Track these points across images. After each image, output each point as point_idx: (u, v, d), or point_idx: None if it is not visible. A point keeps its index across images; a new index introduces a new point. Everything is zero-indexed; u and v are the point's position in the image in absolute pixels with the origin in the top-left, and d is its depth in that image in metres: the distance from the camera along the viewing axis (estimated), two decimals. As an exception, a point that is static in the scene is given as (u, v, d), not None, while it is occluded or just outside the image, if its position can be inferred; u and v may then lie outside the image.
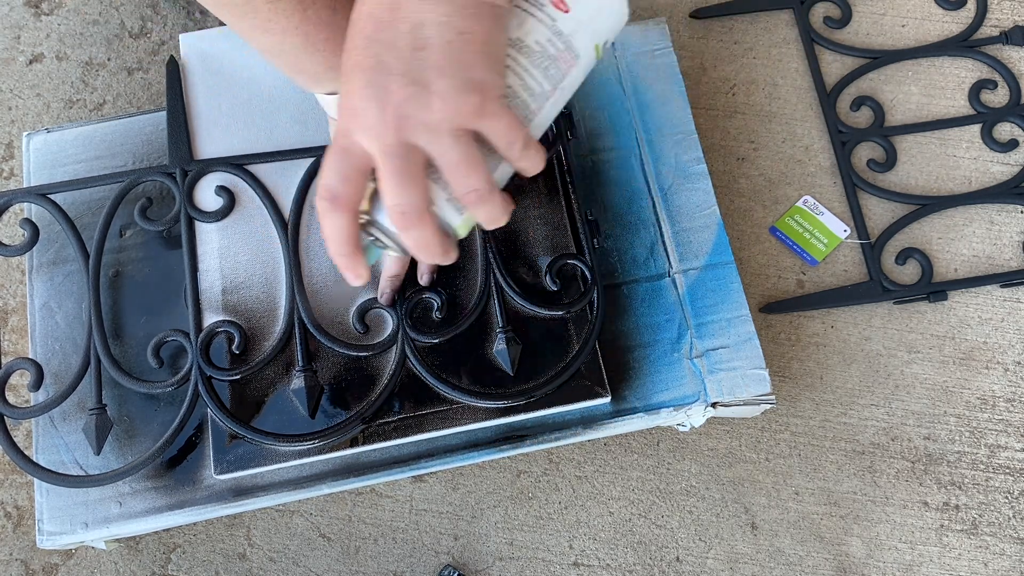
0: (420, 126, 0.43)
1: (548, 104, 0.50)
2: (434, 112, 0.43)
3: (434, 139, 0.44)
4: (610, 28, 0.51)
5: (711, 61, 0.92)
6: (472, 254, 0.69)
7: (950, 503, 0.78)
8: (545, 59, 0.48)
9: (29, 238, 0.72)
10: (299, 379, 0.66)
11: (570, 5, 0.48)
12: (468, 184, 0.45)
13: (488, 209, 0.47)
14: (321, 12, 0.49)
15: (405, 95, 0.43)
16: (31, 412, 0.67)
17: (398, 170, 0.44)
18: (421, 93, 0.43)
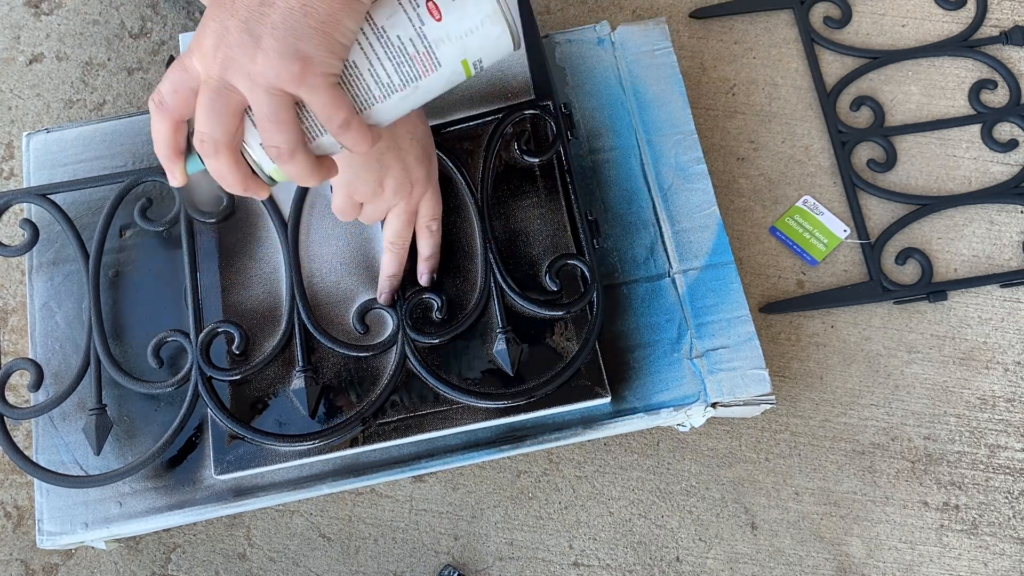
0: (241, 73, 0.47)
1: (395, 97, 0.51)
2: (256, 65, 0.46)
3: (251, 88, 0.47)
4: (486, 51, 0.51)
5: (711, 61, 0.92)
6: (472, 254, 0.69)
7: (950, 503, 0.78)
8: (402, 55, 0.50)
9: (29, 238, 0.72)
10: (299, 379, 0.66)
11: (444, 14, 0.49)
12: (271, 139, 0.48)
13: (290, 168, 0.50)
14: None
15: (237, 40, 0.46)
16: (31, 412, 0.67)
17: (209, 102, 0.48)
18: (251, 44, 0.46)
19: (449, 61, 0.51)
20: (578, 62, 0.79)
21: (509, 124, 0.72)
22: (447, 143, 0.72)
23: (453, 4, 0.50)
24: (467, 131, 0.72)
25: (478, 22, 0.50)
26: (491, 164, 0.71)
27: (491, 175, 0.71)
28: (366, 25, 0.49)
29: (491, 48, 0.52)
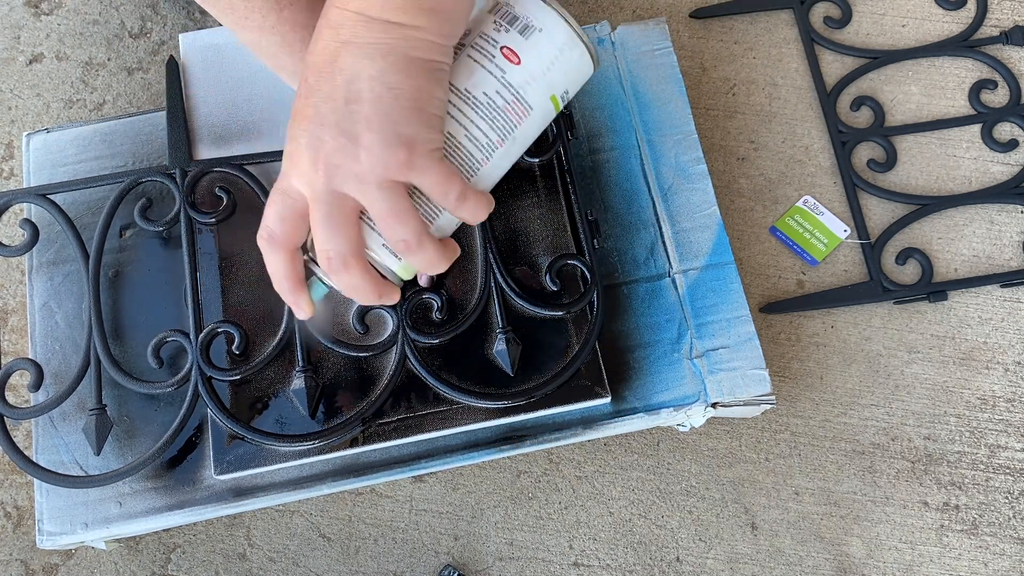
0: (349, 176, 0.45)
1: (497, 154, 0.50)
2: (362, 164, 0.44)
3: (363, 190, 0.45)
4: (571, 78, 0.51)
5: (711, 61, 0.92)
6: (472, 254, 0.69)
7: (950, 503, 0.78)
8: (492, 110, 0.48)
9: (29, 238, 0.72)
10: (299, 379, 0.66)
11: (522, 57, 0.48)
12: (396, 234, 0.46)
13: (420, 258, 0.48)
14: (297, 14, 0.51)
15: (336, 146, 0.44)
16: (31, 412, 0.67)
17: (325, 217, 0.46)
18: (350, 145, 0.44)
19: (538, 101, 0.50)
20: (578, 62, 0.79)
21: (509, 124, 0.72)
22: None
23: (527, 43, 0.48)
24: (467, 131, 0.72)
25: (556, 52, 0.49)
26: (491, 164, 0.71)
27: (491, 175, 0.71)
28: (450, 93, 0.48)
29: (575, 74, 0.50)
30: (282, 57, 0.53)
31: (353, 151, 0.44)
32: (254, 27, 0.51)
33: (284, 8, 0.50)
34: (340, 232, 0.46)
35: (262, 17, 0.50)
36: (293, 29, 0.51)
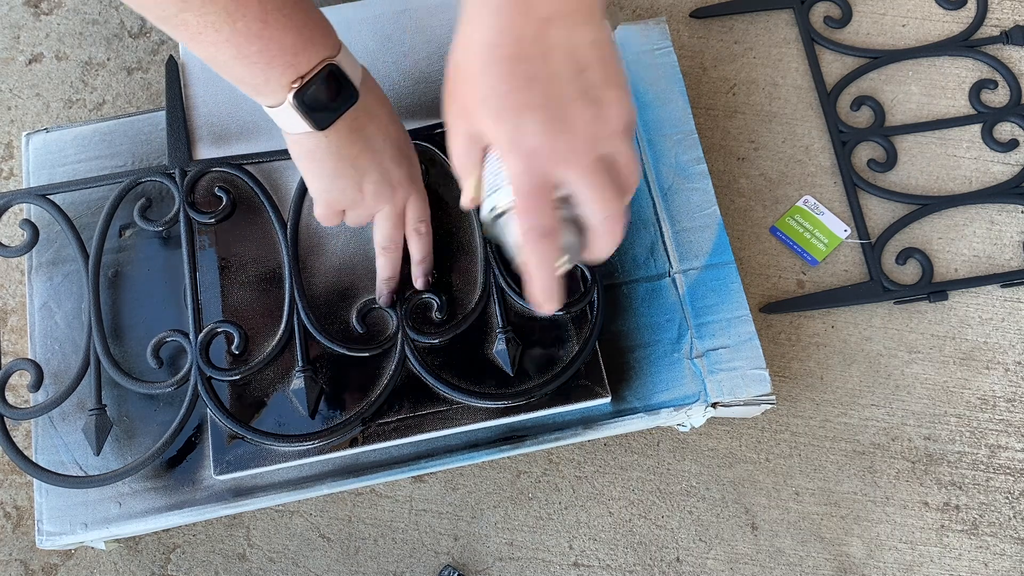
0: (606, 138, 0.45)
1: None
2: (612, 122, 0.45)
3: (615, 145, 0.46)
4: None
5: (711, 61, 0.92)
6: (472, 253, 0.69)
7: (950, 503, 0.78)
8: None
9: (29, 239, 0.72)
10: (299, 379, 0.66)
11: None
12: (635, 172, 0.47)
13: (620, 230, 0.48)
14: (251, 25, 0.50)
15: (588, 116, 0.44)
16: (31, 413, 0.67)
17: (604, 183, 0.46)
18: (599, 110, 0.45)
19: None
20: (578, 62, 0.79)
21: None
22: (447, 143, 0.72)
23: None
24: (467, 131, 0.72)
25: None
26: (491, 164, 0.71)
27: (491, 175, 0.71)
28: None
29: None
30: (238, 70, 0.53)
31: (604, 113, 0.45)
32: (208, 42, 0.51)
33: (237, 21, 0.50)
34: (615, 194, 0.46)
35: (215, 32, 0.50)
36: (248, 40, 0.51)
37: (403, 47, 0.75)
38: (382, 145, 0.60)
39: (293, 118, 0.56)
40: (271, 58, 0.52)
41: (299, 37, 0.53)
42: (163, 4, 0.49)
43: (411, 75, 0.74)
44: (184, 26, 0.50)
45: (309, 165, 0.60)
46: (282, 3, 0.51)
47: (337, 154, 0.58)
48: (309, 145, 0.58)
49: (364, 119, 0.58)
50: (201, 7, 0.49)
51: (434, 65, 0.75)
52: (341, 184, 0.60)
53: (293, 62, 0.53)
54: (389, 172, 0.61)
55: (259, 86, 0.54)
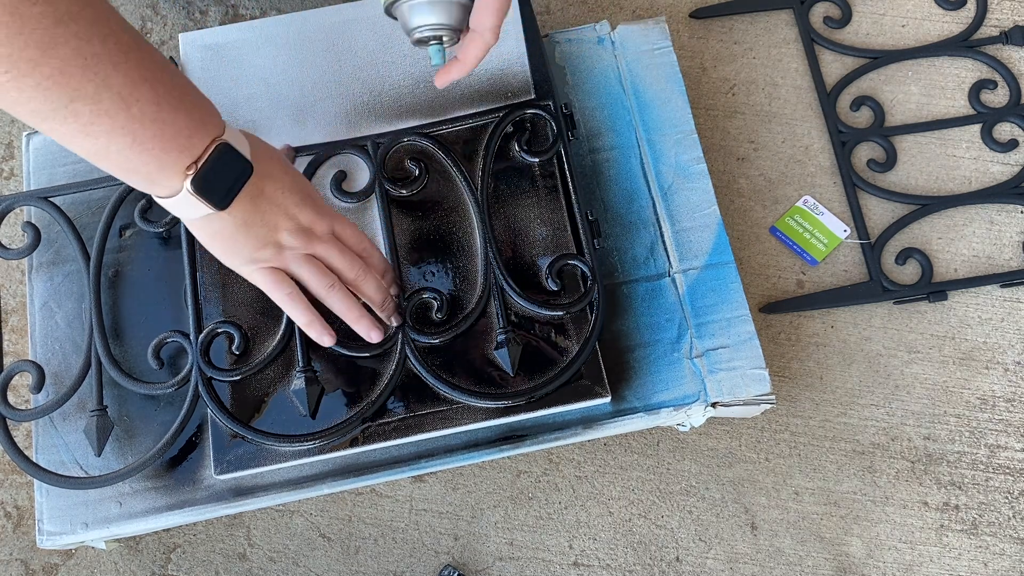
0: None
1: None
2: None
3: None
4: None
5: (711, 61, 0.92)
6: (472, 254, 0.69)
7: (950, 503, 0.78)
8: None
9: (31, 241, 0.72)
10: (299, 379, 0.66)
11: None
12: None
13: None
14: (146, 109, 0.48)
15: None
16: (33, 414, 0.67)
17: None
18: None
19: None
20: (578, 61, 0.79)
21: (509, 123, 0.72)
22: (447, 142, 0.72)
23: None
24: (467, 130, 0.72)
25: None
26: (491, 163, 0.71)
27: (491, 175, 0.71)
28: None
29: None
30: (132, 159, 0.50)
31: None
32: (102, 131, 0.48)
33: (132, 106, 0.48)
34: None
35: (110, 119, 0.47)
36: (143, 126, 0.49)
37: (403, 47, 0.75)
38: (283, 198, 0.59)
39: (192, 204, 0.54)
40: (166, 142, 0.51)
41: (191, 119, 0.52)
42: (50, 96, 0.45)
43: (411, 75, 0.75)
44: (75, 117, 0.46)
45: (220, 244, 0.58)
46: (172, 86, 0.50)
47: (244, 224, 0.57)
48: (215, 226, 0.57)
49: (260, 183, 0.57)
50: (95, 94, 0.46)
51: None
52: (257, 247, 0.59)
53: (187, 145, 0.52)
54: (297, 217, 0.59)
55: (153, 174, 0.52)
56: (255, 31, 0.76)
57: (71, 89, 0.45)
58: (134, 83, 0.48)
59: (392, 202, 0.70)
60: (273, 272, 0.61)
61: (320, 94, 0.74)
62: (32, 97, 0.45)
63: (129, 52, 0.47)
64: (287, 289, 0.62)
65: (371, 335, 0.65)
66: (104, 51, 0.46)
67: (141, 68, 0.48)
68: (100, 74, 0.46)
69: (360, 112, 0.74)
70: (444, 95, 0.74)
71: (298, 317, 0.63)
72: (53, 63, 0.44)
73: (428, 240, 0.70)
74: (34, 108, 0.46)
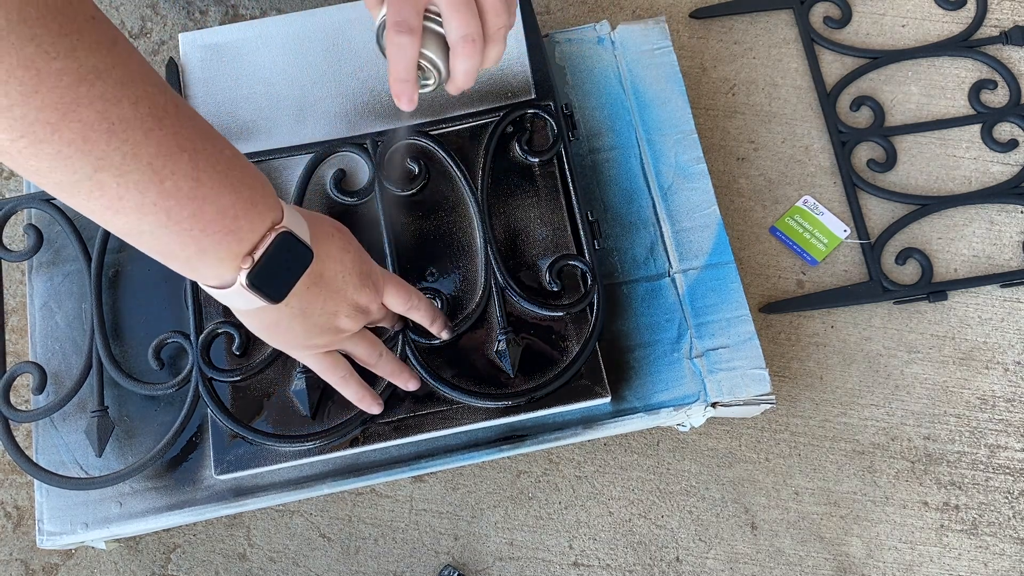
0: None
1: None
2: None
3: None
4: None
5: (711, 61, 0.92)
6: (472, 254, 0.69)
7: (950, 503, 0.78)
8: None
9: (33, 243, 0.72)
10: (299, 380, 0.66)
11: None
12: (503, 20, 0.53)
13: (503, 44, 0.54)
14: (182, 183, 0.43)
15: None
16: (34, 415, 0.67)
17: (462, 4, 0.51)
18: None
19: None
20: (578, 61, 0.79)
21: (509, 123, 0.72)
22: (447, 141, 0.72)
23: None
24: (467, 130, 0.72)
25: None
26: (491, 163, 0.71)
27: (491, 175, 0.71)
28: None
29: None
30: (169, 241, 0.44)
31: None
32: (131, 207, 0.42)
33: (165, 180, 0.42)
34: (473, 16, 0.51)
35: (140, 194, 0.41)
36: (179, 203, 0.43)
37: (403, 47, 0.75)
38: (343, 282, 0.55)
39: (246, 298, 0.49)
40: (206, 223, 0.44)
41: (238, 197, 0.45)
42: (71, 166, 0.39)
43: (411, 75, 0.74)
44: (100, 190, 0.41)
45: (274, 333, 0.55)
46: (216, 159, 0.44)
47: (303, 314, 0.53)
48: (270, 318, 0.52)
49: (319, 267, 0.52)
50: (121, 165, 0.40)
51: (434, 65, 0.75)
52: (315, 334, 0.55)
53: (233, 227, 0.46)
54: (356, 301, 0.56)
55: (192, 259, 0.46)
56: (255, 31, 0.76)
57: (95, 159, 0.40)
58: (169, 153, 0.42)
59: (392, 201, 0.70)
60: (329, 355, 0.59)
61: (320, 93, 0.74)
62: (52, 167, 0.39)
63: (165, 118, 0.42)
64: (342, 372, 0.60)
65: (409, 385, 0.65)
66: (135, 115, 0.40)
67: (179, 137, 0.42)
68: (128, 141, 0.40)
69: (360, 111, 0.74)
70: (444, 95, 0.74)
71: (352, 396, 0.63)
72: (74, 127, 0.38)
73: (428, 240, 0.70)
74: (57, 180, 0.40)
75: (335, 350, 0.60)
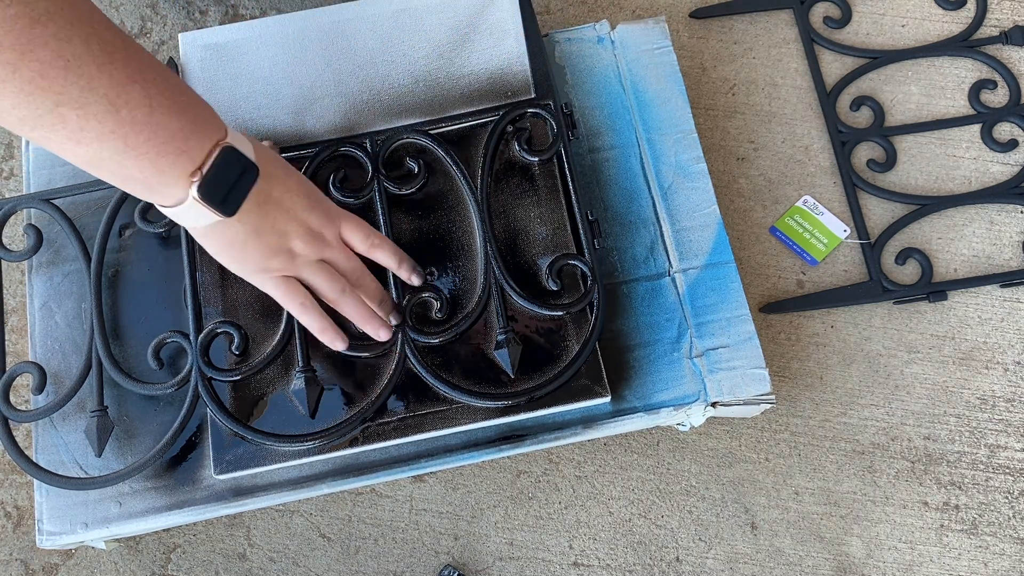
0: None
1: None
2: None
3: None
4: None
5: (711, 61, 0.92)
6: (472, 253, 0.69)
7: (950, 503, 0.78)
8: None
9: (33, 243, 0.72)
10: (299, 380, 0.66)
11: None
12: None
13: None
14: (136, 111, 0.47)
15: None
16: (34, 415, 0.67)
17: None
18: None
19: None
20: (578, 61, 0.79)
21: (509, 122, 0.72)
22: (447, 141, 0.72)
23: None
24: (467, 129, 0.72)
25: None
26: (491, 162, 0.71)
27: (491, 174, 0.71)
28: None
29: None
30: (126, 165, 0.49)
31: None
32: (91, 137, 0.46)
33: (121, 109, 0.46)
34: None
35: (99, 124, 0.46)
36: (134, 129, 0.47)
37: (403, 47, 0.75)
38: (292, 202, 0.58)
39: (199, 212, 0.53)
40: (160, 146, 0.49)
41: (185, 120, 0.50)
42: (34, 101, 0.44)
43: (411, 75, 0.75)
44: (62, 123, 0.45)
45: (230, 253, 0.58)
46: (163, 87, 0.49)
47: (255, 231, 0.56)
48: (225, 234, 0.56)
49: (267, 187, 0.56)
50: (79, 98, 0.45)
51: (433, 64, 0.75)
52: (268, 255, 0.58)
53: (184, 148, 0.50)
54: (308, 222, 0.59)
55: (150, 180, 0.51)
56: (255, 31, 0.76)
57: (55, 93, 0.44)
58: (121, 85, 0.46)
59: (392, 200, 0.70)
60: (286, 281, 0.60)
61: (320, 93, 0.74)
62: (16, 103, 0.44)
63: (115, 53, 0.46)
64: (300, 299, 0.61)
65: (380, 334, 0.65)
66: (87, 52, 0.44)
67: (128, 69, 0.46)
68: (84, 76, 0.44)
69: (360, 111, 0.74)
70: (444, 94, 0.74)
71: (312, 325, 0.63)
72: (32, 66, 0.43)
73: (428, 239, 0.70)
74: (21, 115, 0.44)
75: (293, 277, 0.61)
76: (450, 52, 0.75)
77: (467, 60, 0.75)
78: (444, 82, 0.74)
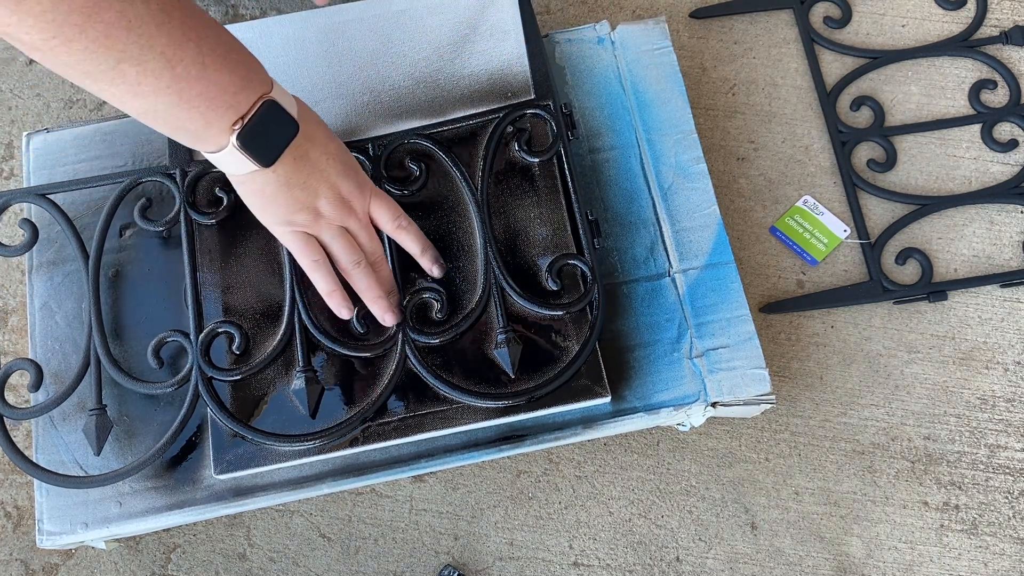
0: None
1: None
2: None
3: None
4: None
5: (711, 61, 0.92)
6: (472, 253, 0.69)
7: (950, 503, 0.78)
8: None
9: (29, 238, 0.72)
10: (299, 379, 0.66)
11: None
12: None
13: None
14: (191, 68, 0.50)
15: None
16: (31, 413, 0.67)
17: None
18: None
19: None
20: (578, 61, 0.79)
21: (509, 123, 0.72)
22: (447, 142, 0.72)
23: None
24: (467, 130, 0.72)
25: None
26: (491, 163, 0.71)
27: (491, 174, 0.71)
28: None
29: None
30: (179, 117, 0.52)
31: None
32: (148, 91, 0.50)
33: (176, 65, 0.50)
34: None
35: (156, 79, 0.49)
36: (189, 84, 0.51)
37: (403, 47, 0.75)
38: (326, 165, 0.61)
39: (238, 160, 0.56)
40: (211, 99, 0.53)
41: (236, 76, 0.53)
42: (97, 59, 0.47)
43: (411, 75, 0.75)
44: (122, 78, 0.49)
45: (260, 201, 0.60)
46: (216, 44, 0.52)
47: (287, 184, 0.59)
48: (259, 183, 0.59)
49: (306, 145, 0.59)
50: (139, 55, 0.48)
51: (434, 65, 0.75)
52: (295, 209, 0.60)
53: (233, 102, 0.54)
54: (338, 187, 0.62)
55: (199, 131, 0.54)
56: (255, 31, 0.76)
57: (117, 52, 0.47)
58: (178, 43, 0.49)
59: (392, 202, 0.70)
60: (305, 236, 0.62)
61: (320, 94, 0.74)
62: (81, 60, 0.47)
63: (172, 11, 0.49)
64: (315, 256, 0.63)
65: (386, 318, 0.66)
66: (147, 12, 0.47)
67: (184, 27, 0.49)
68: (144, 35, 0.47)
69: (360, 112, 0.74)
70: (444, 95, 0.74)
71: (321, 284, 0.64)
72: (98, 27, 0.45)
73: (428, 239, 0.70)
74: (84, 71, 0.48)
75: (313, 235, 0.62)
76: (450, 53, 0.75)
77: (467, 61, 0.75)
78: (444, 83, 0.74)
